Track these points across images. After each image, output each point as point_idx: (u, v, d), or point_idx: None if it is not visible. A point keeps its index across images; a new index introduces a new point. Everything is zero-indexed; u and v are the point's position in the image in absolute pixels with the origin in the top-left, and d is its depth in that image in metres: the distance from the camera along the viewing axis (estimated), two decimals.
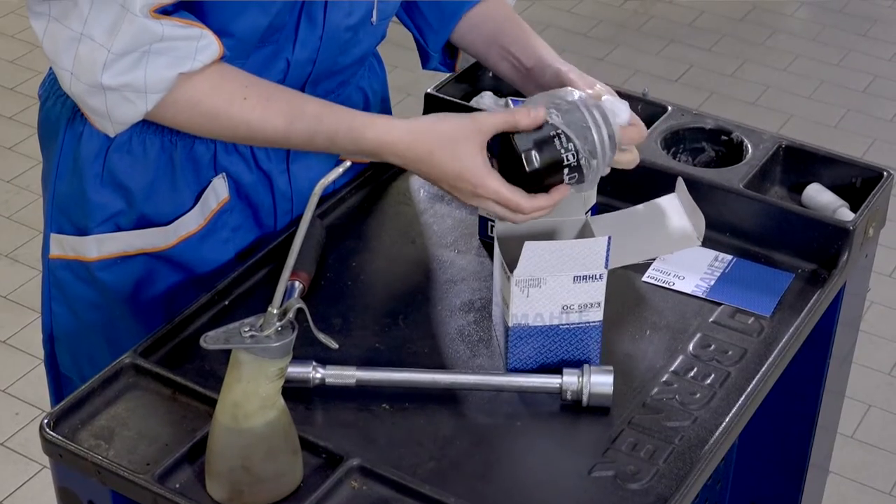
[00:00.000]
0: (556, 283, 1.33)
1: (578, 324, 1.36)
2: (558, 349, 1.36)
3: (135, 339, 1.39)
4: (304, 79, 1.49)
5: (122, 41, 1.31)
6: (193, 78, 1.36)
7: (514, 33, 1.60)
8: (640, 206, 1.53)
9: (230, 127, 1.40)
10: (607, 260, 1.33)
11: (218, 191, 1.51)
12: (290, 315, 1.16)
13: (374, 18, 1.49)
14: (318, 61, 1.48)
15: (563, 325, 1.36)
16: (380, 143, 1.40)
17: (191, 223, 1.51)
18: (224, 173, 1.50)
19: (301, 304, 1.17)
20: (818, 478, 1.89)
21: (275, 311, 1.16)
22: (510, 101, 1.79)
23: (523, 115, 1.37)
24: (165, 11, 1.32)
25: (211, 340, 1.16)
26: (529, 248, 1.32)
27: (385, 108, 1.71)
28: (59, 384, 1.65)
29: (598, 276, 1.34)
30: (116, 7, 1.30)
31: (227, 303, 1.46)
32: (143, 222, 1.50)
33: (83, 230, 1.51)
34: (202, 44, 1.34)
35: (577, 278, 1.33)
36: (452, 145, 1.38)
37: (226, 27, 1.38)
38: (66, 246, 1.53)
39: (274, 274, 1.50)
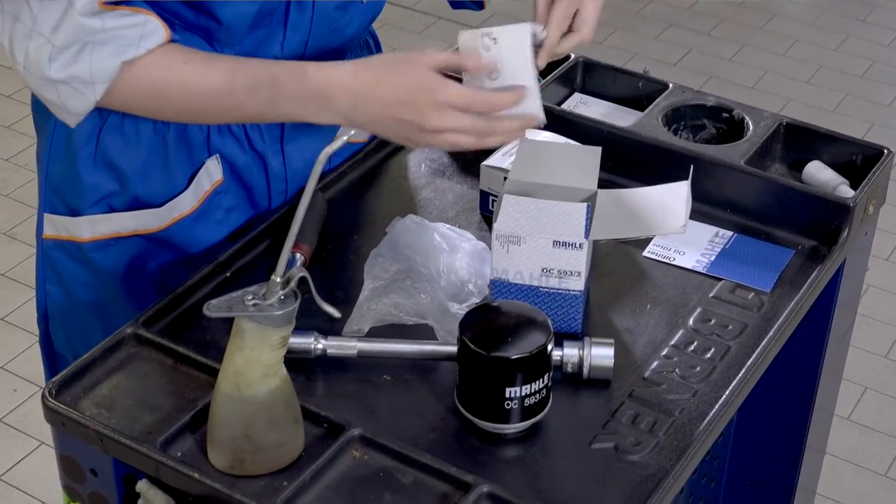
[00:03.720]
0: (535, 244, 1.35)
1: (558, 289, 1.37)
2: None
3: (128, 319, 1.39)
4: (297, 59, 1.48)
5: (63, 36, 1.31)
6: (136, 60, 1.36)
7: None
8: (650, 188, 1.53)
9: (174, 96, 1.39)
10: (587, 230, 1.34)
11: (211, 172, 1.50)
12: (293, 284, 1.17)
13: None
14: (310, 42, 1.48)
15: (542, 287, 1.37)
16: (324, 77, 1.37)
17: (184, 205, 1.50)
18: (217, 154, 1.50)
19: (304, 273, 1.17)
20: (814, 458, 1.90)
21: (278, 280, 1.16)
22: None
23: (472, 60, 1.37)
24: (117, 1, 1.33)
25: (214, 308, 1.16)
26: (508, 201, 1.33)
27: None
28: (53, 362, 1.66)
29: (577, 245, 1.35)
30: (63, 3, 1.30)
31: (228, 274, 1.46)
32: (136, 204, 1.50)
33: (76, 211, 1.51)
34: (147, 29, 1.34)
35: (556, 243, 1.35)
36: (402, 65, 1.36)
37: (214, 14, 1.39)
38: (59, 226, 1.53)
39: (275, 247, 1.50)
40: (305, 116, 1.38)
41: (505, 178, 1.44)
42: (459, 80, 1.38)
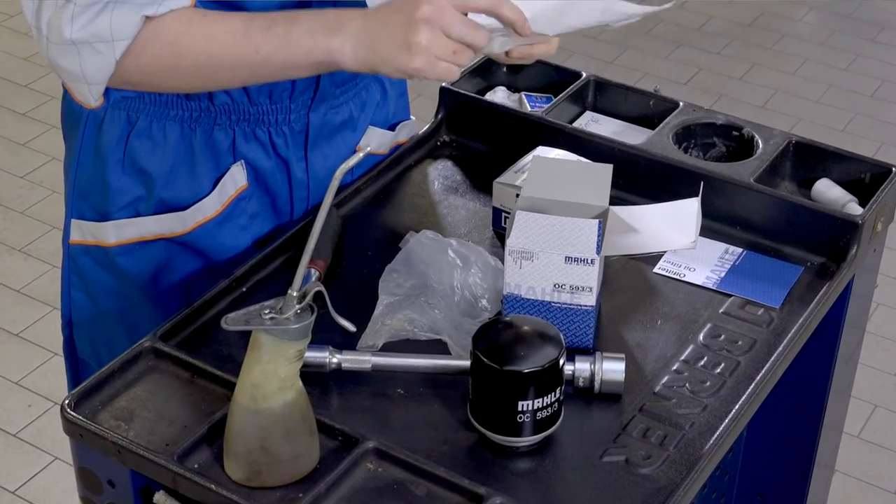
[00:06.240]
0: (547, 260, 1.36)
1: (570, 305, 1.38)
2: None
3: (152, 326, 1.42)
4: None
5: None
6: (156, 19, 1.37)
7: None
8: (660, 205, 1.55)
9: (191, 49, 1.39)
10: (599, 246, 1.36)
11: (236, 177, 1.53)
12: (309, 298, 1.19)
13: None
14: None
15: (555, 302, 1.39)
16: (341, 9, 1.39)
17: (208, 209, 1.53)
18: (242, 161, 1.52)
19: (320, 287, 1.19)
20: (824, 475, 1.91)
21: (294, 294, 1.18)
22: (523, 97, 1.82)
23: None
24: None
25: (231, 322, 1.18)
26: (521, 217, 1.35)
27: (403, 104, 1.73)
28: (76, 369, 1.67)
29: (589, 261, 1.36)
30: None
31: (244, 289, 1.48)
32: (162, 208, 1.53)
33: (104, 216, 1.53)
34: None
35: (568, 259, 1.36)
36: None
37: (242, 5, 1.41)
38: (86, 232, 1.55)
39: (291, 261, 1.52)
40: (315, 47, 1.38)
41: (517, 195, 1.46)
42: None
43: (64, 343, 1.67)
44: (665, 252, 1.56)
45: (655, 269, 1.55)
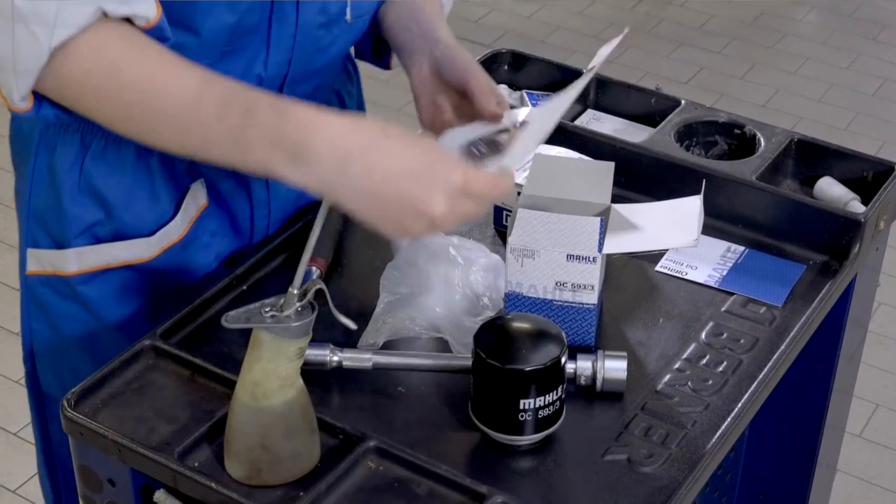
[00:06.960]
0: (549, 258, 1.36)
1: (572, 303, 1.38)
2: None
3: (118, 350, 1.37)
4: (281, 80, 1.44)
5: None
6: (108, 25, 1.23)
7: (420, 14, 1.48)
8: (662, 203, 1.54)
9: (135, 84, 1.23)
10: (601, 243, 1.36)
11: (197, 197, 1.48)
12: (310, 296, 1.18)
13: (348, 17, 1.44)
14: (294, 61, 1.43)
15: (556, 301, 1.38)
16: (311, 121, 1.18)
17: (173, 232, 1.48)
18: (202, 179, 1.47)
19: (321, 285, 1.18)
20: (826, 475, 1.91)
21: (295, 292, 1.17)
22: (524, 95, 1.81)
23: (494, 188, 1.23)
24: None
25: (232, 320, 1.18)
26: (523, 215, 1.34)
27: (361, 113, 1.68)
28: (41, 404, 1.61)
29: (591, 259, 1.36)
30: None
31: (245, 287, 1.48)
32: (123, 233, 1.46)
33: (61, 243, 1.47)
34: None
35: (570, 257, 1.36)
36: (414, 135, 1.21)
37: (192, 24, 1.32)
38: (43, 261, 1.49)
39: (291, 260, 1.52)
40: (272, 166, 1.19)
41: (519, 193, 1.45)
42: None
43: (26, 376, 1.60)
44: (667, 250, 1.56)
45: (657, 268, 1.54)
